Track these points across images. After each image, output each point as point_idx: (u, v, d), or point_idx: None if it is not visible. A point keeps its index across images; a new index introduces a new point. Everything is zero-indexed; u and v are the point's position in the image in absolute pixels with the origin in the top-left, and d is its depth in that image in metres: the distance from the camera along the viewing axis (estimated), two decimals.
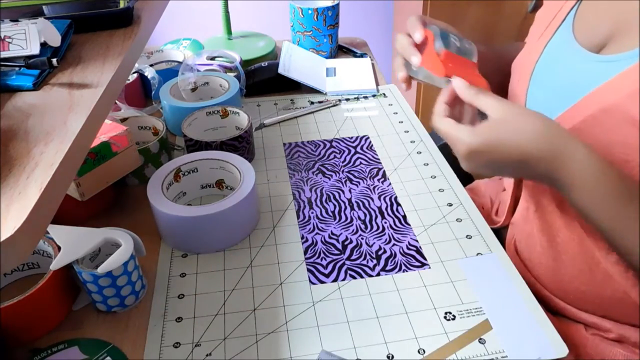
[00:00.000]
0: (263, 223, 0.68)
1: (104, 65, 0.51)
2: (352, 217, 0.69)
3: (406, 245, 0.64)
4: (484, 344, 0.52)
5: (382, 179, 0.76)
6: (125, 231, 0.56)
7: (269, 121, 0.90)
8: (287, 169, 0.78)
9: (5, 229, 0.31)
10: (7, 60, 0.48)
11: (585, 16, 0.60)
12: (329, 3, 1.10)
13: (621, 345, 0.61)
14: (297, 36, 1.12)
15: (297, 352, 0.52)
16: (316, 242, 0.65)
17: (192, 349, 0.52)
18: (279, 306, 0.56)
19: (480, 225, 0.67)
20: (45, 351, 0.51)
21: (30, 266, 0.60)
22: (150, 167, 0.75)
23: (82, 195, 0.63)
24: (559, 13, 0.64)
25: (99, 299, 0.55)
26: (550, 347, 0.51)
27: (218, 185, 0.72)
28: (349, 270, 0.61)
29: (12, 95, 0.47)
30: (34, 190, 0.34)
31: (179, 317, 0.55)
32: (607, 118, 0.52)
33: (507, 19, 1.61)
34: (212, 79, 0.90)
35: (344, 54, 1.17)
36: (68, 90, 0.47)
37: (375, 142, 0.84)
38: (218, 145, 0.74)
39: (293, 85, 1.00)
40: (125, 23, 0.59)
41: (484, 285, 0.58)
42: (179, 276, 0.60)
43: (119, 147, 0.66)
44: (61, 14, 0.58)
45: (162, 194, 0.63)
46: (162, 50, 1.03)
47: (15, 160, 0.38)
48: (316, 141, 0.85)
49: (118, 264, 0.52)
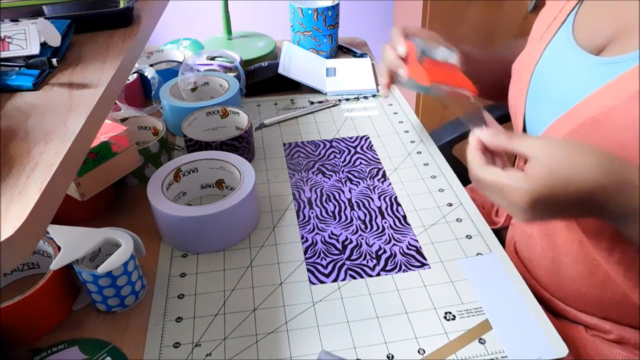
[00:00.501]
0: (263, 223, 0.68)
1: (104, 65, 0.51)
2: (352, 217, 0.69)
3: (406, 245, 0.64)
4: (484, 344, 0.52)
5: (382, 179, 0.76)
6: (125, 231, 0.56)
7: (269, 121, 0.90)
8: (287, 169, 0.78)
9: (5, 229, 0.31)
10: (7, 60, 0.48)
11: (586, 18, 0.60)
12: (329, 3, 1.10)
13: (621, 347, 0.61)
14: (297, 36, 1.12)
15: (297, 352, 0.52)
16: (316, 242, 0.65)
17: (192, 349, 0.52)
18: (279, 306, 0.56)
19: (480, 225, 0.67)
20: (45, 351, 0.51)
21: (30, 266, 0.60)
22: (150, 167, 0.75)
23: (82, 195, 0.63)
24: (560, 14, 0.63)
25: (99, 299, 0.55)
26: (550, 347, 0.51)
27: (218, 185, 0.72)
28: (349, 270, 0.61)
29: (12, 95, 0.47)
30: (34, 190, 0.34)
31: (179, 317, 0.55)
32: (607, 121, 0.52)
33: (507, 19, 1.61)
34: (212, 79, 0.90)
35: (344, 54, 1.17)
36: (68, 90, 0.47)
37: (375, 142, 0.84)
38: (218, 145, 0.74)
39: (293, 85, 1.00)
40: (125, 23, 0.59)
41: (484, 285, 0.58)
42: (179, 276, 0.60)
43: (119, 147, 0.66)
44: (61, 14, 0.58)
45: (162, 194, 0.63)
46: (162, 50, 1.03)
47: (15, 160, 0.38)
48: (316, 141, 0.85)
49: (118, 264, 0.52)
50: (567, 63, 0.60)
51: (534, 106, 0.64)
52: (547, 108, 0.60)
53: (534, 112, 0.64)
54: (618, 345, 0.61)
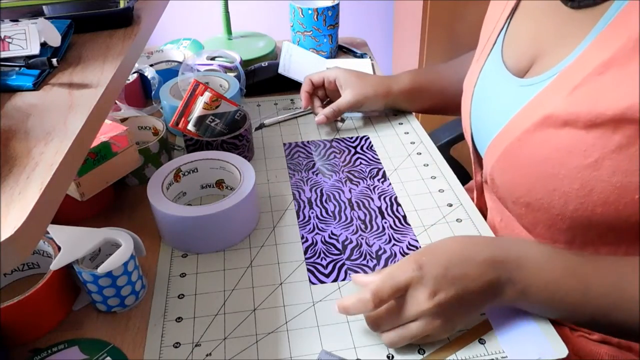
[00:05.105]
0: (263, 223, 0.68)
1: (104, 65, 0.51)
2: (352, 217, 0.69)
3: (406, 245, 0.64)
4: (484, 344, 0.52)
5: (382, 179, 0.76)
6: (125, 231, 0.56)
7: (269, 121, 0.90)
8: (287, 169, 0.78)
9: (5, 229, 0.31)
10: (7, 60, 0.48)
11: (511, 40, 0.63)
12: (329, 3, 1.10)
13: (606, 346, 0.61)
14: (297, 36, 1.12)
15: (297, 352, 0.52)
16: (316, 242, 0.65)
17: (192, 349, 0.52)
18: (279, 306, 0.56)
19: (480, 225, 0.67)
20: (45, 351, 0.51)
21: (30, 266, 0.60)
22: (150, 167, 0.75)
23: (82, 195, 0.63)
24: (492, 35, 0.65)
25: (99, 299, 0.55)
26: (550, 348, 0.51)
27: (218, 185, 0.72)
28: (349, 270, 0.61)
29: (12, 95, 0.47)
30: (34, 190, 0.34)
31: (179, 317, 0.55)
32: (529, 140, 0.54)
33: None
34: (212, 79, 0.90)
35: (344, 54, 1.17)
36: (68, 90, 0.47)
37: (375, 142, 0.84)
38: (219, 144, 0.74)
39: (293, 85, 1.00)
40: (125, 23, 0.59)
41: None
42: (179, 276, 0.60)
43: (119, 147, 0.66)
44: (61, 14, 0.58)
45: (162, 194, 0.63)
46: (162, 50, 1.03)
47: (15, 160, 0.38)
48: (316, 141, 0.85)
49: (118, 264, 0.52)
50: (498, 85, 0.62)
51: (477, 125, 0.67)
52: (487, 127, 0.63)
53: (477, 131, 0.67)
54: (603, 344, 0.61)
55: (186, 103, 0.73)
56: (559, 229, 0.55)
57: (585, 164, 0.48)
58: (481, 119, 0.65)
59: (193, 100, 0.73)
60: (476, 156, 0.69)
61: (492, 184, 0.62)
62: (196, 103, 0.73)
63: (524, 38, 0.60)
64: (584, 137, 0.48)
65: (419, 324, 0.49)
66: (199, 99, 0.73)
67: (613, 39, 0.46)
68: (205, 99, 0.73)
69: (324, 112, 0.85)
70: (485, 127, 0.63)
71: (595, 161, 0.48)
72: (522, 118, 0.55)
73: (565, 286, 0.50)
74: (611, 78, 0.46)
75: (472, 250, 0.51)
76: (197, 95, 0.73)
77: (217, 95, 0.73)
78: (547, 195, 0.53)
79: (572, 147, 0.49)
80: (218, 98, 0.74)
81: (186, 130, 0.73)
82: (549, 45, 0.55)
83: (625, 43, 0.45)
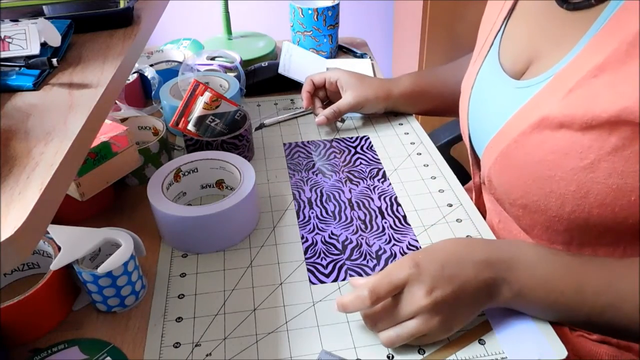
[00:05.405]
0: (263, 223, 0.68)
1: (104, 65, 0.51)
2: (352, 217, 0.69)
3: (406, 245, 0.64)
4: (484, 344, 0.52)
5: (382, 179, 0.76)
6: (125, 231, 0.56)
7: (269, 121, 0.90)
8: (287, 169, 0.78)
9: (5, 229, 0.31)
10: (7, 60, 0.48)
11: (508, 42, 0.63)
12: (329, 3, 1.10)
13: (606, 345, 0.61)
14: (297, 36, 1.12)
15: (297, 352, 0.52)
16: (316, 242, 0.65)
17: (192, 349, 0.52)
18: (279, 306, 0.56)
19: (480, 225, 0.67)
20: (45, 351, 0.51)
21: (30, 266, 0.60)
22: (150, 167, 0.75)
23: (82, 195, 0.63)
24: (489, 37, 0.65)
25: (99, 299, 0.55)
26: (549, 348, 0.51)
27: (218, 185, 0.72)
28: (349, 270, 0.61)
29: (12, 95, 0.47)
30: (34, 190, 0.34)
31: (179, 317, 0.55)
32: (525, 142, 0.54)
33: None
34: (212, 79, 0.90)
35: (344, 54, 1.17)
36: (68, 90, 0.47)
37: (375, 143, 0.84)
38: (219, 144, 0.74)
39: (293, 85, 1.00)
40: (125, 23, 0.59)
41: None
42: (179, 276, 0.60)
43: (119, 147, 0.66)
44: (61, 14, 0.58)
45: (162, 194, 0.63)
46: (162, 50, 1.03)
47: (15, 160, 0.38)
48: (316, 141, 0.85)
49: (118, 264, 0.52)
50: (495, 87, 0.62)
51: (474, 126, 0.67)
52: (484, 129, 0.63)
53: (475, 133, 0.67)
54: (602, 344, 0.61)
55: (186, 103, 0.73)
56: (556, 230, 0.55)
57: (582, 166, 0.48)
58: (478, 121, 0.65)
59: (193, 100, 0.73)
60: (474, 158, 0.69)
61: (489, 186, 0.62)
62: (196, 103, 0.73)
63: (520, 40, 0.60)
64: (579, 139, 0.48)
65: (416, 322, 0.49)
66: (199, 99, 0.73)
67: (606, 42, 0.46)
68: (205, 99, 0.73)
69: (324, 112, 0.85)
70: (482, 129, 0.63)
71: (591, 163, 0.48)
72: (518, 120, 0.55)
73: (560, 286, 0.50)
74: (605, 81, 0.46)
75: (468, 250, 0.51)
76: (197, 95, 0.73)
77: (217, 95, 0.74)
78: (543, 197, 0.53)
79: (568, 149, 0.49)
80: (218, 98, 0.74)
81: (186, 130, 0.73)
82: (545, 47, 0.55)
83: (618, 46, 0.45)
